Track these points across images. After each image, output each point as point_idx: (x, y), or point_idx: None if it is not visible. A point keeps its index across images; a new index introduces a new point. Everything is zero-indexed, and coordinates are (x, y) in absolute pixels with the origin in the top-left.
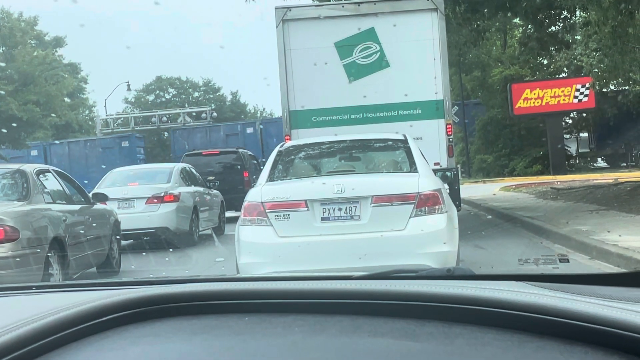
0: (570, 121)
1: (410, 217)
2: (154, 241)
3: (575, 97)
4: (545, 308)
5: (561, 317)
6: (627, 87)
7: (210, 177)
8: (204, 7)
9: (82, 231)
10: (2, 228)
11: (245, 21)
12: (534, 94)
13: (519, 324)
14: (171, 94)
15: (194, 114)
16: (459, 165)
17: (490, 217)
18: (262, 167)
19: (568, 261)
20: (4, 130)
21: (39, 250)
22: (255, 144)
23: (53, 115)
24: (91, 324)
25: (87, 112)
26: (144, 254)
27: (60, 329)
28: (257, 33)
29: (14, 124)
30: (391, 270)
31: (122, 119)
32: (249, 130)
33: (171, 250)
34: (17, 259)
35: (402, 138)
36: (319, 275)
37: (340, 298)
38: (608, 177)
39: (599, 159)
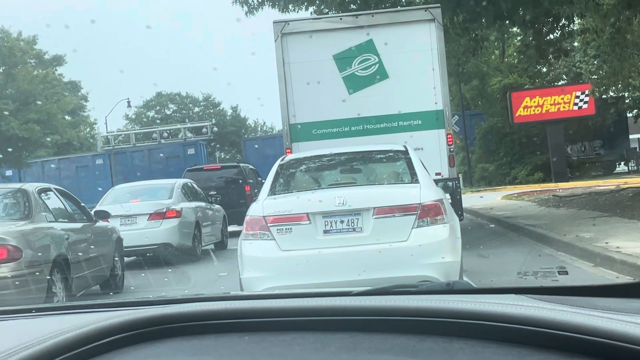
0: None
1: (412, 228)
2: (155, 258)
3: (575, 104)
4: (544, 321)
5: (561, 329)
6: (626, 93)
7: (212, 192)
8: (204, 23)
9: (84, 250)
10: (4, 248)
11: (244, 35)
12: (534, 102)
13: (519, 338)
14: (172, 110)
15: (192, 131)
16: (460, 175)
17: (492, 226)
18: (263, 181)
19: (567, 273)
20: (9, 149)
21: (41, 269)
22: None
23: (48, 139)
24: (91, 347)
25: (88, 129)
26: (142, 274)
27: (60, 352)
28: (255, 47)
29: (9, 149)
30: (391, 285)
31: (123, 135)
32: (190, 150)
33: (170, 270)
34: (20, 279)
35: (403, 149)
36: (318, 292)
37: (340, 315)
38: (610, 184)
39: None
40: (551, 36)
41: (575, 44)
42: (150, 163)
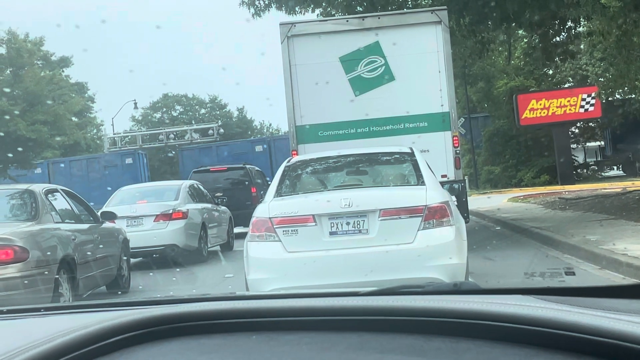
0: (577, 130)
1: (418, 230)
2: (162, 259)
3: (582, 106)
4: (552, 321)
5: (568, 330)
6: (633, 96)
7: (218, 194)
8: (210, 25)
9: (91, 250)
10: (11, 248)
11: (252, 36)
12: (540, 104)
13: (527, 338)
14: (178, 111)
15: (198, 133)
16: (466, 177)
17: (498, 228)
18: (269, 182)
19: (574, 274)
20: (19, 149)
21: (48, 270)
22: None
23: (58, 138)
24: (99, 346)
25: (94, 130)
26: (150, 274)
27: (68, 351)
28: (263, 49)
29: (20, 148)
30: (398, 285)
31: (129, 137)
32: (128, 160)
33: (178, 270)
34: (27, 280)
35: (409, 151)
36: (326, 292)
37: (347, 315)
38: (616, 187)
39: (608, 168)
40: (557, 38)
41: (582, 46)
42: (89, 172)
